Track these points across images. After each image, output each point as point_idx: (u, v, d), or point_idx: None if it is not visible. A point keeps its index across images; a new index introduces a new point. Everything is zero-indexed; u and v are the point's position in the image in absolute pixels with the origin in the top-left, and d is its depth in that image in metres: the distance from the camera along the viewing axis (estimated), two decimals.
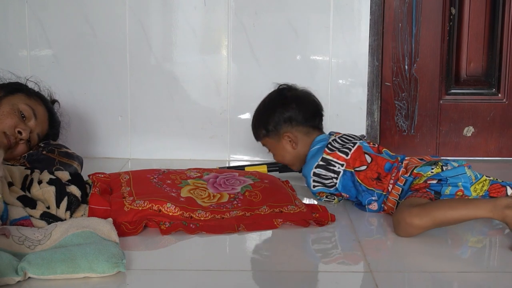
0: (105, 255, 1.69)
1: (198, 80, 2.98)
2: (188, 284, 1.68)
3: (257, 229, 2.05)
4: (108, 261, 1.67)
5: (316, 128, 2.40)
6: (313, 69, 2.93)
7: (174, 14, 2.93)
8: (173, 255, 1.84)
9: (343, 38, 2.91)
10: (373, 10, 2.90)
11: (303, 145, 2.36)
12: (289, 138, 2.37)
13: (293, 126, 2.37)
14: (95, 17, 2.91)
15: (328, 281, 1.70)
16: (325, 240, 1.99)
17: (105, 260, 1.67)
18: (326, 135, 2.37)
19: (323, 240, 1.98)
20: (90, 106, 2.95)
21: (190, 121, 2.97)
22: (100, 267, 1.66)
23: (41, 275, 1.63)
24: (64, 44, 2.93)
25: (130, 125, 2.98)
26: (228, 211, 2.12)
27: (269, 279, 1.72)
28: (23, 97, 2.30)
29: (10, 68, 2.56)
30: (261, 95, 2.93)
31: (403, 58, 2.99)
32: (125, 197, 2.14)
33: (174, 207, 2.08)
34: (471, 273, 1.73)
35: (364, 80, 2.95)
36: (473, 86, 3.04)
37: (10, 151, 2.22)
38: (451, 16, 2.98)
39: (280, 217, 2.10)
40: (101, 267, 1.66)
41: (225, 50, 2.94)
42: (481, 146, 3.05)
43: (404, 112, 3.03)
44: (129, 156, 2.97)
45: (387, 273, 1.71)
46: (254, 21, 2.91)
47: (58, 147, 2.32)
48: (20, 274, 1.62)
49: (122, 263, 1.69)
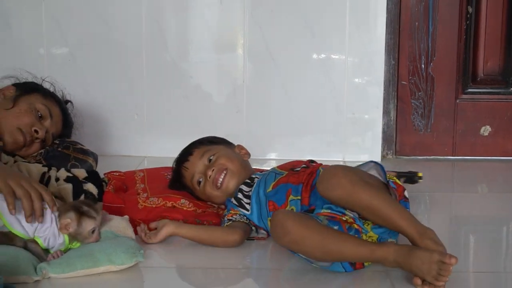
0: (123, 247, 1.70)
1: (214, 78, 2.98)
2: (203, 281, 1.69)
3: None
4: (126, 252, 1.69)
5: None
6: (329, 68, 2.93)
7: (190, 13, 2.94)
8: (188, 253, 1.85)
9: (359, 37, 2.90)
10: (389, 9, 2.89)
11: None
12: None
13: None
14: (111, 15, 2.92)
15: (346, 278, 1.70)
16: None
17: (123, 251, 1.69)
18: None
19: None
20: (106, 104, 2.96)
21: (205, 120, 2.97)
22: (118, 258, 1.67)
23: (61, 273, 1.64)
24: (80, 43, 2.94)
25: (146, 123, 2.98)
26: None
27: (284, 277, 1.72)
28: (40, 97, 2.32)
29: (27, 66, 2.57)
30: (276, 94, 2.94)
31: (419, 57, 2.97)
32: (139, 194, 2.15)
33: (188, 203, 2.08)
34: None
35: (380, 79, 2.93)
36: (490, 85, 3.02)
37: (25, 149, 2.24)
38: (468, 15, 2.96)
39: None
40: (119, 259, 1.67)
41: (240, 49, 2.94)
42: (498, 145, 3.03)
43: (420, 111, 3.01)
44: (145, 154, 2.98)
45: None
46: (270, 19, 2.91)
47: (73, 143, 2.34)
48: (39, 273, 1.63)
49: (140, 253, 1.70)
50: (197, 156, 2.09)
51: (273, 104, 2.95)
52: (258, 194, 1.97)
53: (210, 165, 2.06)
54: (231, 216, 1.96)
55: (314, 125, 2.96)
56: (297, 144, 2.96)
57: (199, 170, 2.08)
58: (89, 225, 1.73)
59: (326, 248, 1.63)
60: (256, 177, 2.04)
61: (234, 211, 1.97)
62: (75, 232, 1.72)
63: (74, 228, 1.71)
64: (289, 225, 1.64)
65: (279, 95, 2.95)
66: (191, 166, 2.09)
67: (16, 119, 2.22)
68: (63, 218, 1.71)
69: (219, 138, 2.22)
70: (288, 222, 1.65)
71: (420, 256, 1.56)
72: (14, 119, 2.22)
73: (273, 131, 2.97)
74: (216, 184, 2.04)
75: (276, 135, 2.98)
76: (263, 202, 1.94)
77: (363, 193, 1.66)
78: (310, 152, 2.93)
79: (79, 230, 1.72)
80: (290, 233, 1.64)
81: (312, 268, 1.72)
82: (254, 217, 1.96)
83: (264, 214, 1.94)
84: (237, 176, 2.04)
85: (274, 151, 2.98)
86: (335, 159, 2.90)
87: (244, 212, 1.97)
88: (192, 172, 2.09)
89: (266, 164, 2.80)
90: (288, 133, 2.97)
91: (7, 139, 2.18)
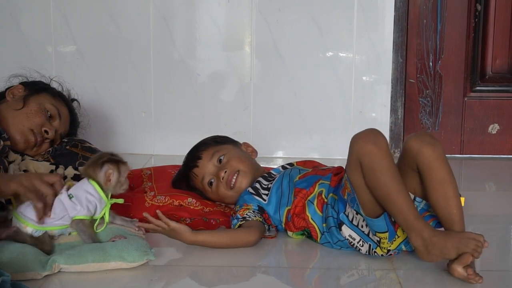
0: (134, 245, 1.71)
1: (222, 76, 2.98)
2: (210, 279, 1.69)
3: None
4: (137, 249, 1.70)
5: None
6: (336, 65, 2.92)
7: (198, 11, 2.94)
8: (195, 251, 1.85)
9: (367, 35, 2.90)
10: (397, 6, 2.88)
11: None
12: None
13: None
14: (120, 13, 2.92)
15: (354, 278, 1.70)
16: None
17: (135, 249, 1.70)
18: None
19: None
20: (113, 102, 2.96)
21: (213, 118, 2.97)
22: (130, 255, 1.68)
23: (73, 264, 1.65)
24: (88, 40, 2.95)
25: (154, 121, 2.99)
26: None
27: (290, 275, 1.72)
28: (49, 97, 2.32)
29: (36, 64, 2.58)
30: (284, 92, 2.94)
31: (427, 54, 2.97)
32: (146, 192, 2.15)
33: (195, 202, 2.08)
34: None
35: (388, 77, 2.93)
36: (499, 83, 3.01)
37: (35, 149, 2.24)
38: (477, 13, 2.95)
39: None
40: (131, 256, 1.68)
41: (248, 46, 2.94)
42: (506, 143, 3.02)
43: (428, 109, 3.00)
44: (152, 152, 2.98)
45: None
46: (277, 17, 2.91)
47: (81, 142, 2.34)
48: (47, 268, 1.64)
49: (151, 252, 1.71)
50: (206, 158, 2.09)
51: (281, 102, 2.95)
52: (281, 184, 1.98)
53: (222, 166, 2.06)
54: (243, 212, 1.96)
55: (321, 123, 2.96)
56: (304, 142, 2.96)
57: (210, 171, 2.08)
58: (125, 170, 1.80)
59: (390, 183, 1.67)
60: (273, 173, 2.07)
61: (247, 206, 1.97)
62: (116, 180, 1.77)
63: (116, 177, 1.77)
64: (381, 138, 1.70)
65: (286, 93, 2.95)
66: (201, 169, 2.09)
67: (27, 119, 2.22)
68: (102, 171, 1.76)
69: (224, 137, 2.21)
70: (381, 137, 1.70)
71: (456, 235, 1.64)
72: (25, 120, 2.22)
73: (281, 129, 2.97)
74: (229, 185, 2.04)
75: (283, 133, 2.97)
76: (286, 191, 1.96)
77: (445, 167, 1.70)
78: (317, 150, 2.93)
79: (120, 177, 1.78)
80: (378, 143, 1.69)
81: (320, 266, 1.72)
82: (271, 207, 1.97)
83: (284, 201, 1.95)
84: (249, 175, 2.05)
85: (281, 149, 2.98)
86: (342, 157, 2.88)
87: (260, 201, 1.98)
88: (202, 174, 2.09)
89: (273, 163, 2.81)
90: (295, 131, 2.97)
91: (18, 139, 2.19)
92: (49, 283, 1.61)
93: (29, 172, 2.08)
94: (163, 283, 1.66)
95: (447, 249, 1.63)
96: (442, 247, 1.63)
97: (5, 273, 1.43)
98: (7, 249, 1.65)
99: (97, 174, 1.77)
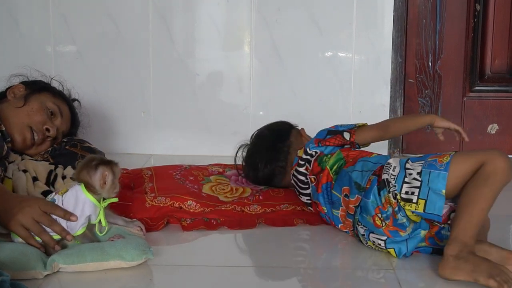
0: (133, 244, 1.72)
1: (221, 76, 2.98)
2: (209, 279, 1.68)
3: (275, 225, 2.05)
4: (136, 248, 1.70)
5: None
6: (336, 65, 2.92)
7: (197, 11, 2.94)
8: (195, 251, 1.85)
9: (366, 35, 2.90)
10: (396, 6, 2.89)
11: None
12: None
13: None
14: (119, 13, 2.92)
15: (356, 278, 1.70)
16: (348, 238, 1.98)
17: (133, 248, 1.70)
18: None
19: (346, 239, 1.98)
20: (113, 101, 2.96)
21: (212, 117, 2.97)
22: (128, 254, 1.68)
23: (71, 264, 1.65)
24: (87, 40, 2.95)
25: (153, 121, 2.99)
26: (249, 205, 2.12)
27: (290, 275, 1.72)
28: (50, 96, 2.32)
29: (35, 64, 2.57)
30: (283, 91, 2.94)
31: (427, 54, 2.97)
32: (146, 193, 2.15)
33: (195, 204, 2.09)
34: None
35: (387, 77, 2.93)
36: (498, 83, 3.01)
37: (35, 148, 2.24)
38: (476, 13, 2.95)
39: (301, 216, 2.09)
40: (129, 255, 1.68)
41: (247, 46, 2.94)
42: (505, 143, 3.02)
43: (427, 109, 3.01)
44: (151, 152, 2.98)
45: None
46: (277, 17, 2.91)
47: (80, 142, 2.34)
48: (48, 268, 1.64)
49: (150, 251, 1.71)
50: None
51: (280, 102, 2.95)
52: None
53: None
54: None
55: (320, 122, 2.95)
56: None
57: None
58: (119, 171, 1.78)
59: (487, 200, 1.76)
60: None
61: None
62: (111, 182, 1.75)
63: (111, 178, 1.75)
64: None
65: (286, 92, 2.95)
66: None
67: (28, 117, 2.22)
68: (97, 174, 1.73)
69: (282, 131, 2.30)
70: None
71: (493, 262, 1.64)
72: (26, 117, 2.22)
73: None
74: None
75: None
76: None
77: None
78: None
79: (114, 179, 1.76)
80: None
81: (320, 266, 1.72)
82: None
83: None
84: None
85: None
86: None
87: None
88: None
89: None
90: None
91: (16, 137, 2.19)
92: (48, 282, 1.61)
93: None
94: (162, 282, 1.66)
95: (480, 270, 1.59)
96: (476, 265, 1.60)
97: (5, 273, 1.43)
98: (9, 248, 1.65)
99: (92, 177, 1.73)
